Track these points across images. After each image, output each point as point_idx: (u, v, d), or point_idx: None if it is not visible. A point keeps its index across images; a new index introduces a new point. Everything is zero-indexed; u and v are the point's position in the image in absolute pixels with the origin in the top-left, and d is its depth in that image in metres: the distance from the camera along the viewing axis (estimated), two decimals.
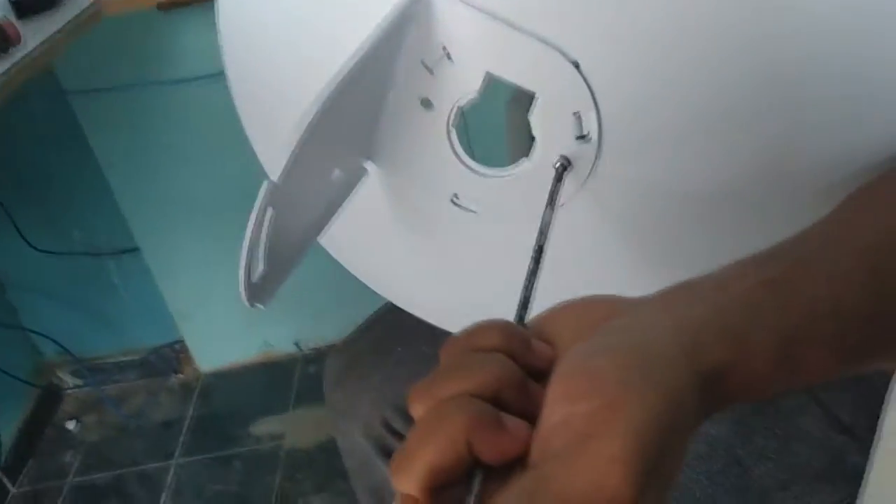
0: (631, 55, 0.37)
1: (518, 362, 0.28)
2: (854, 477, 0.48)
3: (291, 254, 0.41)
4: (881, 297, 0.30)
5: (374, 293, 0.71)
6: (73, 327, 1.55)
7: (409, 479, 0.26)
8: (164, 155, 1.35)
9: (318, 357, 1.59)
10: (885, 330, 0.30)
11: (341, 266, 0.55)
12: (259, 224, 0.35)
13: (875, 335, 0.30)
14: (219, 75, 1.36)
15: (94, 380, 1.60)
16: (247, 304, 0.38)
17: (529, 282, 0.34)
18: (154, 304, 1.53)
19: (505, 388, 0.27)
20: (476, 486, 0.26)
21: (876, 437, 0.44)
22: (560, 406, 0.26)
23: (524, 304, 0.33)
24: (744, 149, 0.38)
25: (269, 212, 0.36)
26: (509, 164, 0.43)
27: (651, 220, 0.41)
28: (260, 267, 0.38)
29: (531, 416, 0.27)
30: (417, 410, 0.28)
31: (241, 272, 0.37)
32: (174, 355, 1.62)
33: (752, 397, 0.28)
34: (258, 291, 0.38)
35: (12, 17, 0.80)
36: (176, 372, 1.63)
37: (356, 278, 0.75)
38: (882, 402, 0.43)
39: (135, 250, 1.46)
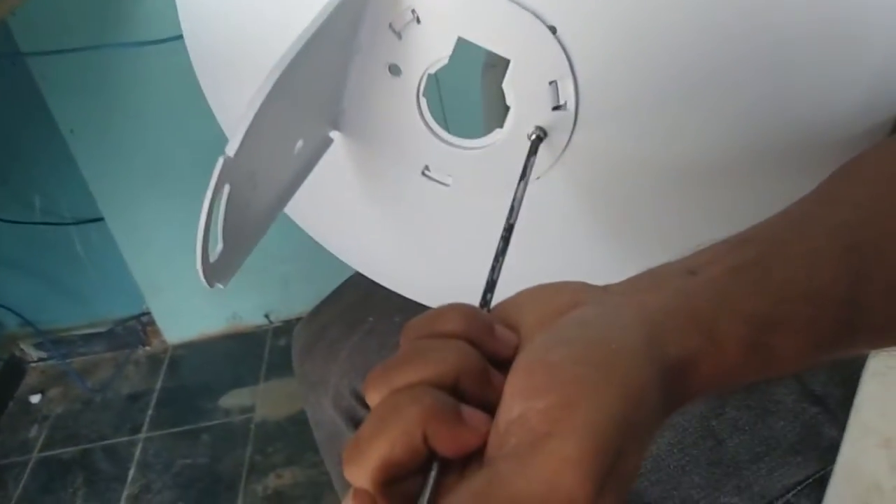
0: (610, 19, 0.35)
1: (480, 349, 0.26)
2: (827, 449, 0.47)
3: (252, 230, 0.39)
4: (859, 278, 0.28)
5: (347, 264, 0.69)
6: (35, 299, 1.51)
7: (360, 471, 0.25)
8: (128, 120, 1.31)
9: (288, 329, 1.57)
10: (862, 314, 0.28)
11: (308, 238, 0.53)
12: (215, 201, 0.33)
13: (851, 320, 0.28)
14: (180, 38, 1.32)
15: (59, 352, 1.56)
16: (205, 284, 0.36)
17: (497, 262, 0.32)
18: (119, 274, 1.50)
19: (464, 377, 0.26)
20: (431, 480, 0.25)
21: (852, 410, 0.43)
22: (517, 401, 0.24)
23: (490, 286, 0.31)
24: (724, 117, 0.37)
25: (226, 188, 0.33)
26: (485, 133, 0.41)
27: (627, 195, 0.40)
28: (218, 245, 0.35)
29: (492, 406, 0.26)
30: (373, 398, 0.26)
31: (198, 252, 0.34)
32: (141, 327, 1.59)
33: (722, 388, 0.27)
34: (217, 270, 0.36)
35: None
36: (143, 344, 1.60)
37: (324, 250, 0.73)
38: (855, 374, 0.43)
39: (99, 220, 1.42)
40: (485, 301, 0.30)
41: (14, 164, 1.38)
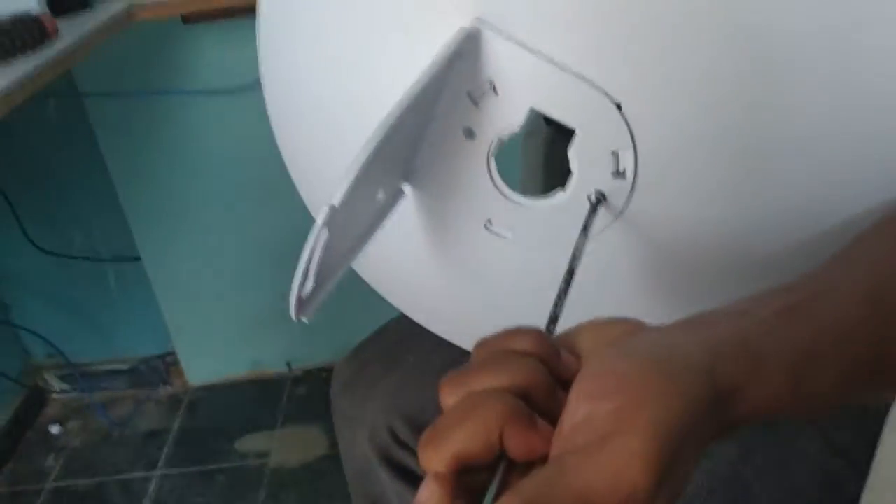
0: (671, 100, 0.40)
1: (547, 368, 0.29)
2: (849, 502, 0.49)
3: (334, 271, 0.43)
4: (884, 320, 0.32)
5: (370, 316, 0.72)
6: (65, 331, 1.55)
7: (437, 456, 0.27)
8: (174, 165, 1.37)
9: (307, 378, 1.60)
10: (892, 351, 0.32)
11: (335, 290, 0.55)
12: (316, 243, 0.37)
13: (881, 357, 0.31)
14: (236, 91, 1.39)
15: (82, 385, 1.59)
16: (294, 317, 0.40)
17: (559, 300, 0.36)
18: (149, 313, 1.53)
19: (535, 390, 0.28)
20: (499, 475, 0.27)
21: (873, 464, 0.45)
22: (584, 404, 0.27)
23: (553, 319, 0.35)
24: (769, 191, 0.41)
25: (325, 232, 0.37)
26: (521, 191, 0.45)
27: (682, 259, 0.43)
28: (309, 283, 0.39)
29: (555, 422, 0.28)
30: (448, 399, 0.29)
31: (294, 287, 0.38)
32: (164, 367, 1.62)
33: (767, 418, 0.30)
34: (306, 306, 0.40)
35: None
36: (165, 383, 1.63)
37: (351, 301, 0.75)
38: (878, 428, 0.45)
39: (135, 259, 1.46)
40: (548, 331, 0.34)
41: (60, 200, 1.43)
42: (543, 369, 0.29)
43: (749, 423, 0.29)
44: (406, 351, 0.66)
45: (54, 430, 1.55)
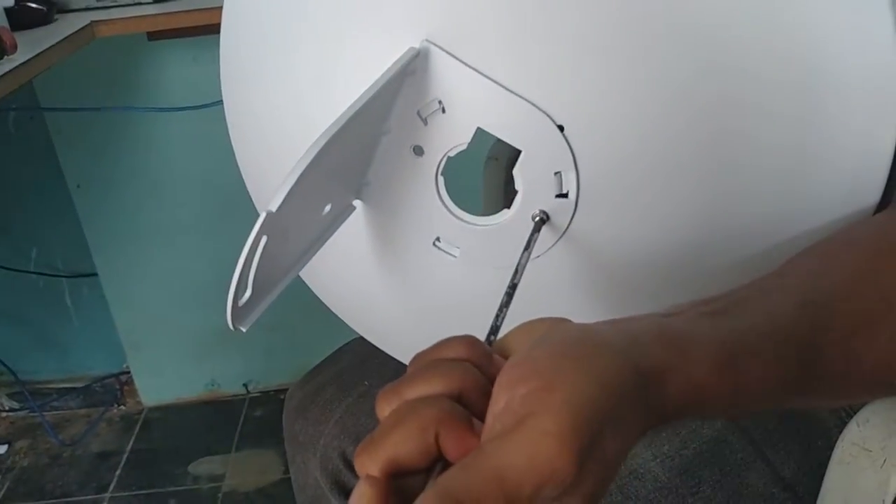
0: (612, 124, 0.41)
1: (480, 372, 0.30)
2: None
3: (275, 282, 0.43)
4: (815, 327, 0.32)
5: (330, 339, 0.71)
6: (18, 348, 1.52)
7: (371, 460, 0.27)
8: (134, 182, 1.35)
9: (265, 401, 1.58)
10: (823, 358, 0.32)
11: (295, 310, 0.55)
12: (252, 250, 0.37)
13: (814, 362, 0.32)
14: (197, 108, 1.37)
15: (32, 404, 1.55)
16: (230, 325, 0.40)
17: (500, 311, 0.37)
18: (104, 331, 1.51)
19: (468, 393, 0.29)
20: (436, 475, 0.27)
21: (819, 498, 0.46)
22: (502, 394, 0.27)
23: (494, 330, 0.36)
24: (708, 210, 0.42)
25: (263, 239, 0.37)
26: (483, 213, 0.46)
27: (623, 276, 0.44)
28: (247, 292, 0.39)
29: None
30: (384, 410, 0.29)
31: (230, 294, 0.38)
32: (119, 386, 1.59)
33: (700, 409, 0.30)
34: (242, 315, 0.40)
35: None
36: (118, 403, 1.60)
37: (309, 323, 0.75)
38: (824, 461, 0.46)
39: (92, 275, 1.44)
40: (488, 342, 0.34)
41: (17, 214, 1.41)
42: (476, 372, 0.29)
43: (685, 413, 0.30)
44: (362, 374, 0.66)
45: (1, 449, 1.51)
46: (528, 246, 0.41)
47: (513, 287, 0.38)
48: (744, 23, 0.38)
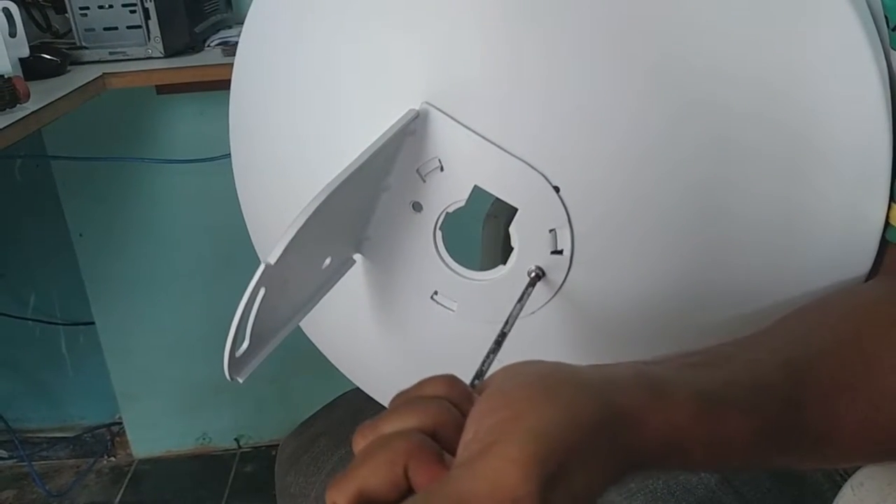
0: (606, 187, 0.42)
1: (458, 410, 0.30)
2: None
3: (273, 333, 0.44)
4: (796, 383, 0.32)
5: (322, 393, 0.72)
6: (10, 395, 1.50)
7: (340, 492, 0.27)
8: (136, 233, 1.37)
9: (256, 455, 1.56)
10: (805, 416, 0.32)
11: (287, 364, 0.55)
12: (250, 301, 0.38)
13: (796, 421, 0.32)
14: (202, 161, 1.40)
15: (21, 452, 1.53)
16: (227, 375, 0.40)
17: (487, 358, 0.37)
18: (98, 381, 1.50)
19: (442, 428, 0.29)
20: None
21: None
22: (472, 425, 0.28)
23: (478, 375, 0.36)
24: (704, 269, 0.43)
25: (262, 291, 0.38)
26: (479, 268, 0.47)
27: (617, 330, 0.45)
28: (245, 343, 0.40)
29: None
30: (359, 445, 0.30)
31: (228, 345, 0.39)
32: (110, 437, 1.57)
33: (682, 457, 0.30)
34: (239, 366, 0.40)
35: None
36: (108, 455, 1.58)
37: (301, 378, 0.75)
38: None
39: (90, 324, 1.44)
40: (473, 386, 0.35)
41: (17, 260, 1.42)
42: (452, 409, 0.30)
43: (667, 461, 0.29)
44: (356, 426, 0.66)
45: None
46: (522, 298, 0.42)
47: (502, 336, 0.39)
48: (739, 93, 0.40)
